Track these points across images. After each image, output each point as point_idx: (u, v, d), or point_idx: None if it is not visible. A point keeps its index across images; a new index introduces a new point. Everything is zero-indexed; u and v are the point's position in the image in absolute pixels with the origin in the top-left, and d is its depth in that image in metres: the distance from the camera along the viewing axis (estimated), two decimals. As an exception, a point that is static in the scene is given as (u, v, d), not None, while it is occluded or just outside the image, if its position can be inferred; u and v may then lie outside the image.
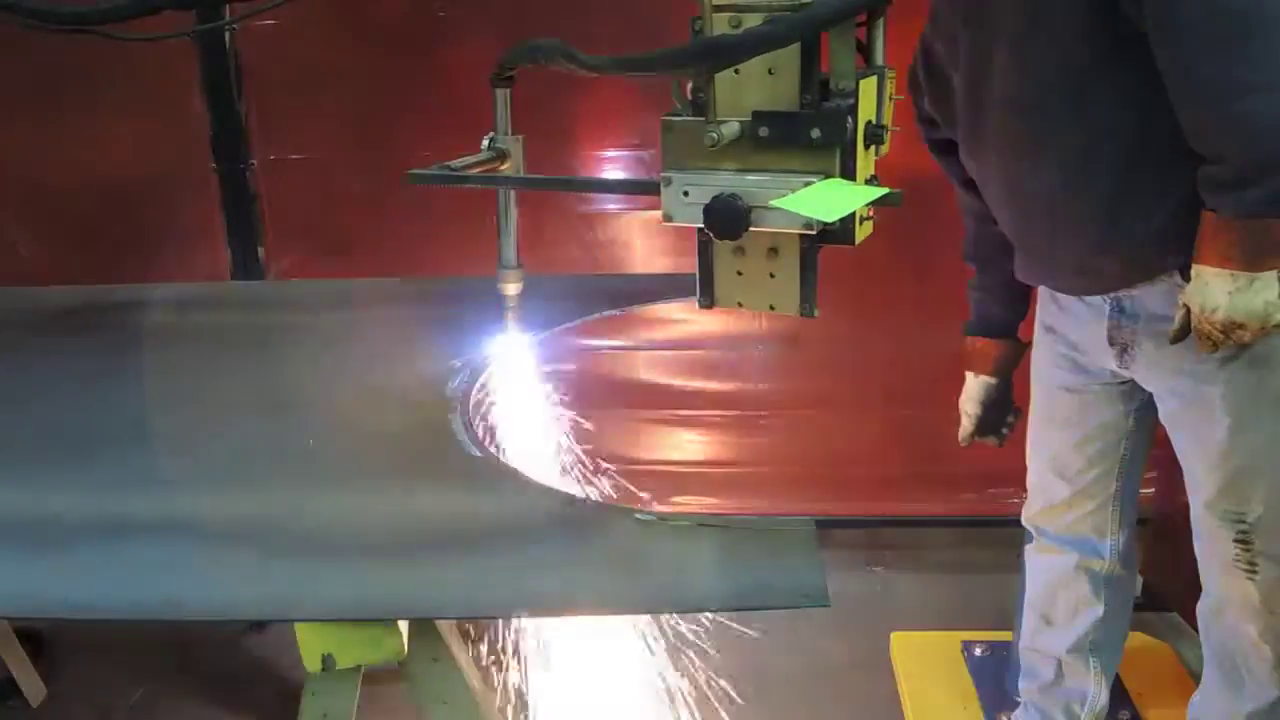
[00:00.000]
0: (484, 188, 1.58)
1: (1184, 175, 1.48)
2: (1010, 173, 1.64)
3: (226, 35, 2.76)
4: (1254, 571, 1.66)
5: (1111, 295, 1.67)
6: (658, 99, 1.78)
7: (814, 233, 1.21)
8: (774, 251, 1.28)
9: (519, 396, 1.83)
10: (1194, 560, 1.77)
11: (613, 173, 2.82)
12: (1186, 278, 1.53)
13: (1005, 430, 2.00)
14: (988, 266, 1.92)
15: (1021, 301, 1.93)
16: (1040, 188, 1.61)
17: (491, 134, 1.56)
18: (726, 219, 1.20)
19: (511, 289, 1.64)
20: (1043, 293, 1.87)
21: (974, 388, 1.98)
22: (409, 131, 2.73)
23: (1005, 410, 1.99)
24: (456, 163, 1.51)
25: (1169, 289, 1.58)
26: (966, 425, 2.01)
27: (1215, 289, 1.44)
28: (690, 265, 1.36)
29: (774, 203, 1.17)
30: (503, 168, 1.56)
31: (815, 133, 1.18)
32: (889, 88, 1.28)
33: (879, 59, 1.24)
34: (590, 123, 2.77)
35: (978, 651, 2.39)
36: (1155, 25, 1.38)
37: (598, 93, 2.61)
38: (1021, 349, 1.95)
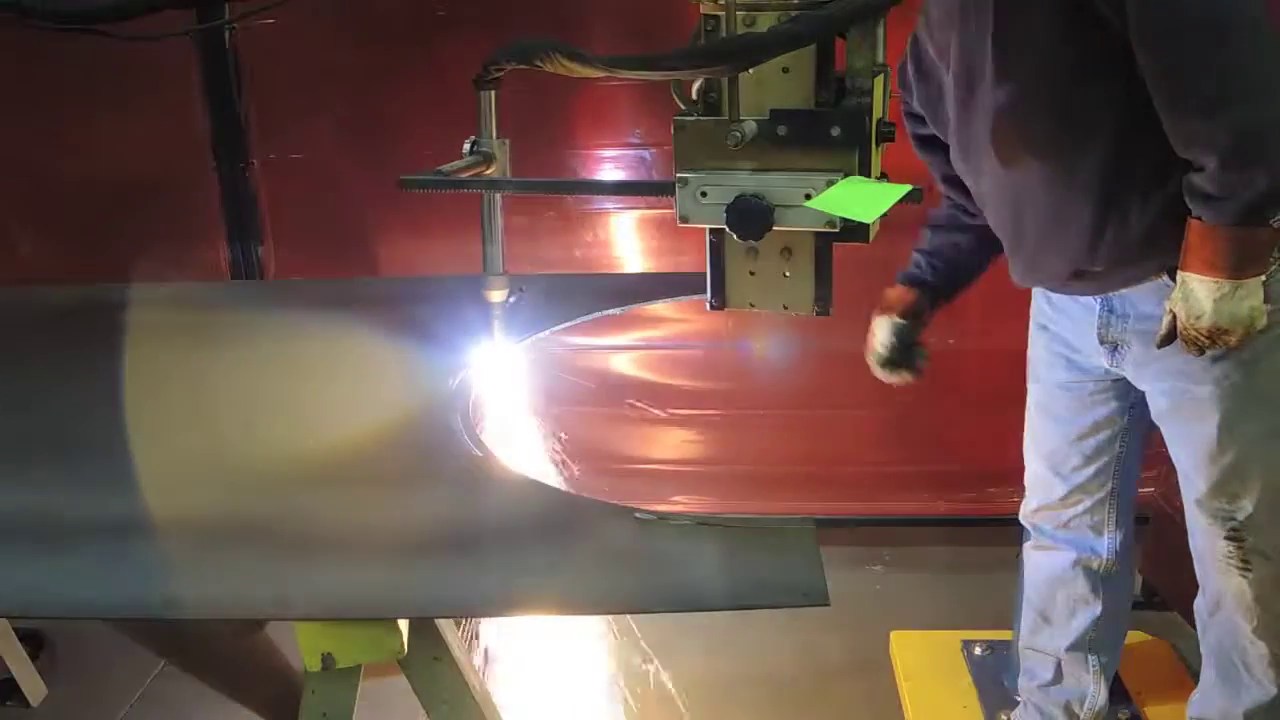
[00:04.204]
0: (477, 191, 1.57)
1: (1168, 178, 1.49)
2: (1001, 177, 1.64)
3: (226, 35, 2.76)
4: (1247, 568, 1.67)
5: (1103, 295, 1.67)
6: (654, 96, 1.79)
7: (836, 230, 1.21)
8: (787, 251, 1.27)
9: (519, 396, 1.83)
10: (1192, 558, 1.77)
11: (612, 172, 2.82)
12: (1174, 277, 1.54)
13: (919, 364, 1.94)
14: (939, 249, 1.91)
15: (954, 289, 1.91)
16: (1029, 192, 1.61)
17: (474, 138, 1.56)
18: (750, 219, 1.20)
19: (497, 296, 1.64)
20: (1037, 292, 1.87)
21: (880, 326, 1.91)
22: (409, 131, 2.74)
23: (914, 351, 1.93)
24: (447, 167, 1.50)
25: (1158, 289, 1.59)
26: (875, 362, 1.95)
27: (1200, 296, 1.45)
28: (688, 264, 1.35)
29: (807, 203, 1.16)
30: (488, 172, 1.55)
31: (836, 131, 1.18)
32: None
33: (880, 57, 1.24)
34: (588, 119, 2.77)
35: (977, 651, 2.39)
36: (1137, 34, 1.39)
37: (595, 90, 2.61)
38: (931, 314, 1.92)
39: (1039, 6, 1.46)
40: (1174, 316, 1.50)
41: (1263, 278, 1.44)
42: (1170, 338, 1.53)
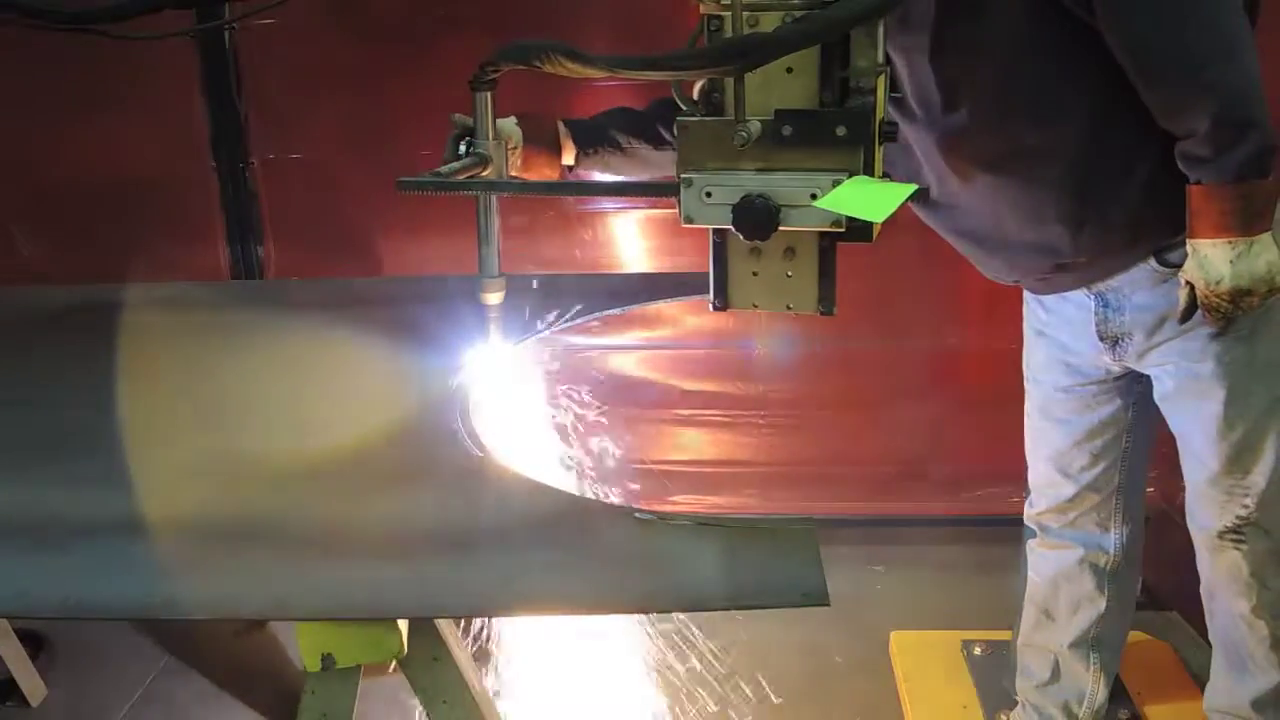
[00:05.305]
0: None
1: (1141, 160, 1.50)
2: (978, 183, 1.62)
3: (226, 35, 2.76)
4: (1241, 541, 1.67)
5: (1095, 291, 1.68)
6: (655, 98, 1.79)
7: (842, 230, 1.21)
8: (791, 251, 1.27)
9: (519, 396, 1.83)
10: (1194, 558, 1.77)
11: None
12: (1162, 261, 1.56)
13: None
14: (606, 133, 1.79)
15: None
16: (1008, 192, 1.61)
17: (470, 139, 1.55)
18: (757, 219, 1.20)
19: (493, 299, 1.64)
20: (1028, 298, 1.87)
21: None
22: (409, 131, 2.73)
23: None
24: (445, 168, 1.50)
25: (1147, 275, 1.60)
26: None
27: (1215, 260, 1.44)
28: (688, 264, 1.35)
29: (816, 203, 1.16)
30: (484, 173, 1.55)
31: (841, 130, 1.18)
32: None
33: (881, 57, 1.24)
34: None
35: (977, 651, 2.39)
36: (1107, 17, 1.40)
37: (596, 91, 2.61)
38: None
39: (1002, 16, 1.46)
40: (1191, 288, 1.50)
41: (1272, 232, 1.44)
42: (1191, 311, 1.52)
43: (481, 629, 1.93)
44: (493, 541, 1.30)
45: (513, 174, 1.71)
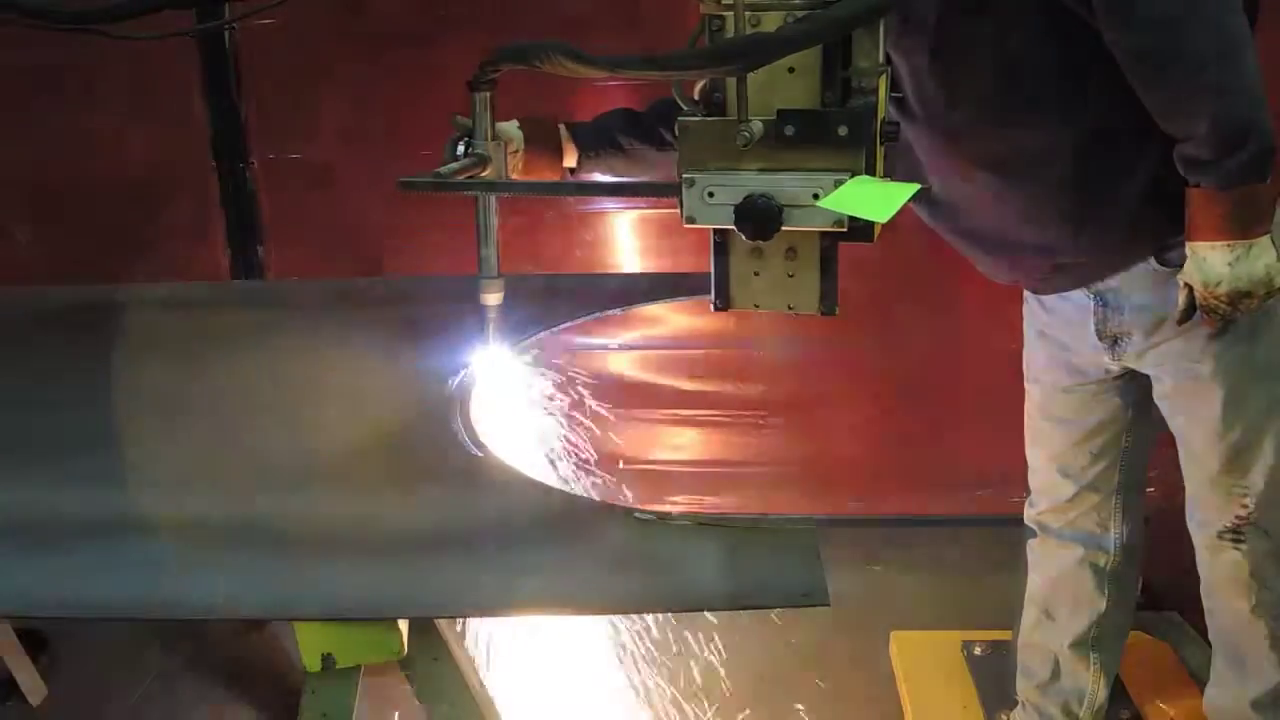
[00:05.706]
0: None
1: (1142, 160, 1.50)
2: (978, 182, 1.62)
3: (226, 35, 2.76)
4: (1240, 541, 1.68)
5: (1095, 291, 1.68)
6: (655, 98, 1.79)
7: (844, 230, 1.21)
8: (792, 251, 1.27)
9: (518, 396, 1.83)
10: (1194, 558, 1.78)
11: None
12: (1161, 261, 1.56)
13: None
14: (608, 135, 1.80)
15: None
16: (1009, 192, 1.61)
17: (468, 139, 1.55)
18: (760, 219, 1.19)
19: (493, 299, 1.64)
20: (1029, 298, 1.87)
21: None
22: (409, 131, 2.73)
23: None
24: (444, 169, 1.50)
25: (1146, 275, 1.60)
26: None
27: (1214, 263, 1.44)
28: (687, 264, 1.35)
29: (820, 202, 1.16)
30: (483, 174, 1.55)
31: (843, 130, 1.18)
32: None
33: (882, 57, 1.24)
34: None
35: (977, 651, 2.39)
36: (1106, 17, 1.40)
37: (597, 92, 2.61)
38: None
39: (1007, 15, 1.46)
40: (1190, 290, 1.50)
41: (1270, 235, 1.44)
42: (1189, 313, 1.52)
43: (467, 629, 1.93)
44: (493, 541, 1.30)
45: (514, 177, 1.72)
